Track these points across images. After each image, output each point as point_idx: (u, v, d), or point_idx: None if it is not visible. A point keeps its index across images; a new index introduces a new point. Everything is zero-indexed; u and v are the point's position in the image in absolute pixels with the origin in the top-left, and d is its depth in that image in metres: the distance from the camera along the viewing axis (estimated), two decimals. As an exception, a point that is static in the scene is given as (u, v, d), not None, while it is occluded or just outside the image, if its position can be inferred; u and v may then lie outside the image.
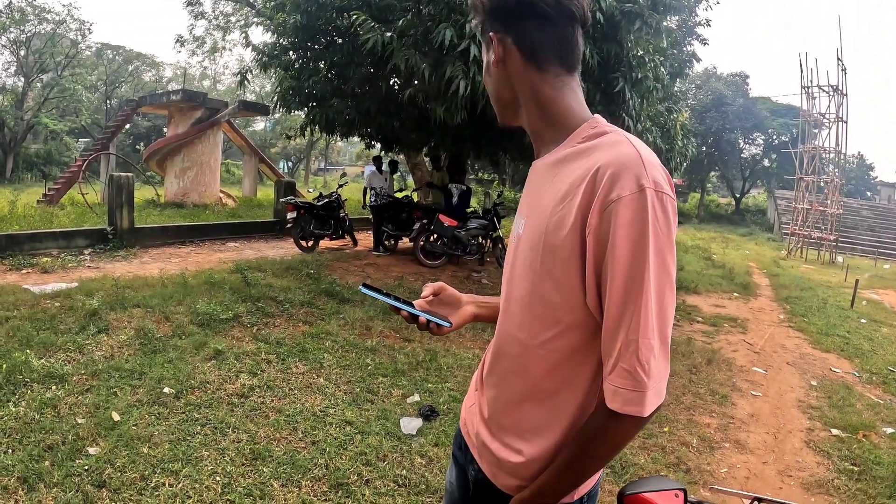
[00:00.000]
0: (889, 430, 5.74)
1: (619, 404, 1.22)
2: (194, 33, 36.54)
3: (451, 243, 11.41)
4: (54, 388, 4.56)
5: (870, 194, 61.51)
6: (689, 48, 15.41)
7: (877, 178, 67.02)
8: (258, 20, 12.02)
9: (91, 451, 3.82)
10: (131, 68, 47.43)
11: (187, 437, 4.16)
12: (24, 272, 8.05)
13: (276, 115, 25.45)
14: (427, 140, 12.65)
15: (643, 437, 4.99)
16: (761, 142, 45.79)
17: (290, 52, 11.17)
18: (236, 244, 12.52)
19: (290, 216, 11.51)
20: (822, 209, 27.54)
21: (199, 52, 29.61)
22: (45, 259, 8.71)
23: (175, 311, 6.51)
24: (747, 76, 45.98)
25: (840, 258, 25.53)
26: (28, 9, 34.46)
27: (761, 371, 7.40)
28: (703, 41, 16.12)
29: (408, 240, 12.40)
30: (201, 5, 25.29)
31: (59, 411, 4.26)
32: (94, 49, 44.31)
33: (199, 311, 6.47)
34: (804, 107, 28.14)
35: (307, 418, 4.63)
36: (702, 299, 11.94)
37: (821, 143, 28.61)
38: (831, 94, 26.93)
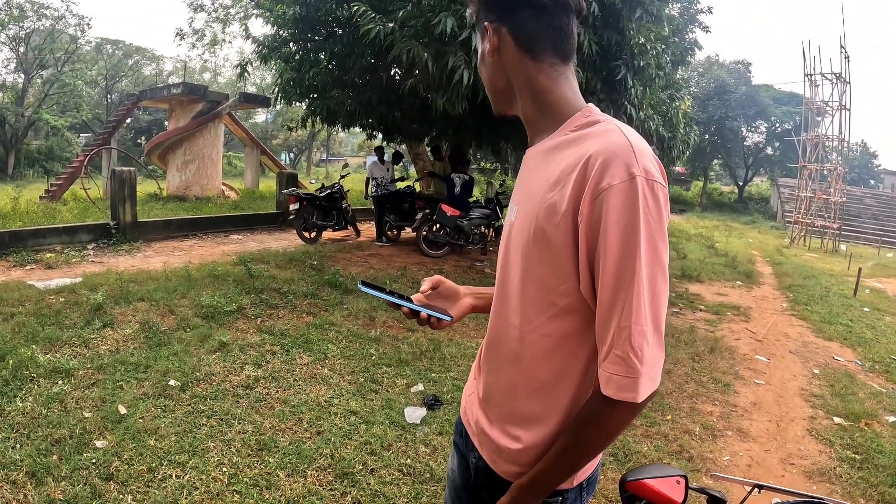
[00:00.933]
0: (891, 418, 5.74)
1: (613, 391, 1.23)
2: (194, 26, 36.46)
3: (454, 233, 11.41)
4: (61, 382, 4.59)
5: (873, 182, 61.22)
6: (691, 36, 15.34)
7: (880, 166, 66.65)
8: (258, 12, 11.94)
9: (98, 444, 3.85)
10: (131, 62, 47.32)
11: (193, 428, 4.19)
12: (28, 268, 8.07)
13: (278, 106, 25.44)
14: (428, 130, 12.63)
15: (646, 426, 5.01)
16: (764, 130, 45.58)
17: (291, 44, 11.15)
18: (239, 236, 12.53)
19: (292, 208, 11.50)
20: (825, 197, 27.43)
21: (199, 45, 29.63)
22: (49, 255, 8.73)
23: (179, 304, 6.54)
24: (750, 64, 45.63)
25: (843, 247, 25.41)
26: (27, 5, 34.45)
27: (764, 359, 7.40)
28: (706, 28, 16.06)
29: (410, 230, 12.40)
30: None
31: (66, 405, 4.29)
32: (93, 44, 44.22)
33: (203, 304, 6.50)
34: (807, 94, 27.98)
35: (312, 409, 4.66)
36: (704, 287, 11.92)
37: (824, 131, 28.44)
38: (834, 81, 26.79)
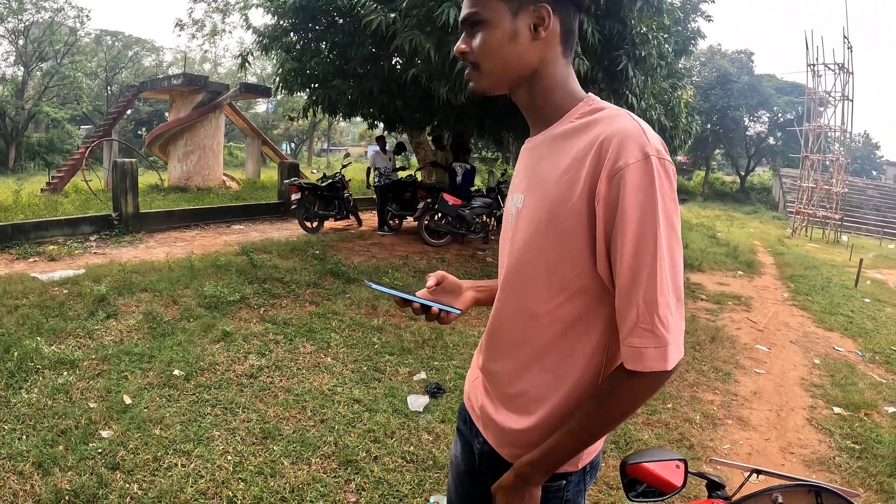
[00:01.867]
0: (891, 409, 5.76)
1: (644, 364, 1.26)
2: (194, 16, 36.26)
3: (456, 222, 11.40)
4: (65, 373, 4.62)
5: (875, 174, 60.81)
6: (693, 25, 15.20)
7: (883, 157, 66.11)
8: (258, 2, 11.92)
9: (104, 434, 3.87)
10: (131, 54, 47.21)
11: (198, 417, 4.22)
12: (31, 261, 8.09)
13: (278, 96, 25.40)
14: (430, 119, 12.61)
15: (647, 414, 5.04)
16: (766, 120, 45.54)
17: (291, 34, 11.12)
18: (241, 227, 12.54)
19: (294, 197, 11.50)
20: (827, 188, 27.42)
21: (199, 35, 29.54)
22: (52, 247, 8.74)
23: (182, 294, 6.56)
24: (752, 53, 45.73)
25: (845, 237, 25.39)
26: (26, -2, 34.37)
27: (764, 349, 7.42)
28: (708, 18, 15.93)
29: (412, 219, 12.40)
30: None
31: (71, 396, 4.32)
32: (92, 36, 44.09)
33: (206, 294, 6.52)
34: (810, 85, 27.95)
35: (315, 397, 4.68)
36: (706, 277, 11.94)
37: (826, 122, 28.42)
38: (837, 72, 26.73)
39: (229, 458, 3.76)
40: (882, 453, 4.71)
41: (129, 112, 32.98)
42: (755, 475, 1.91)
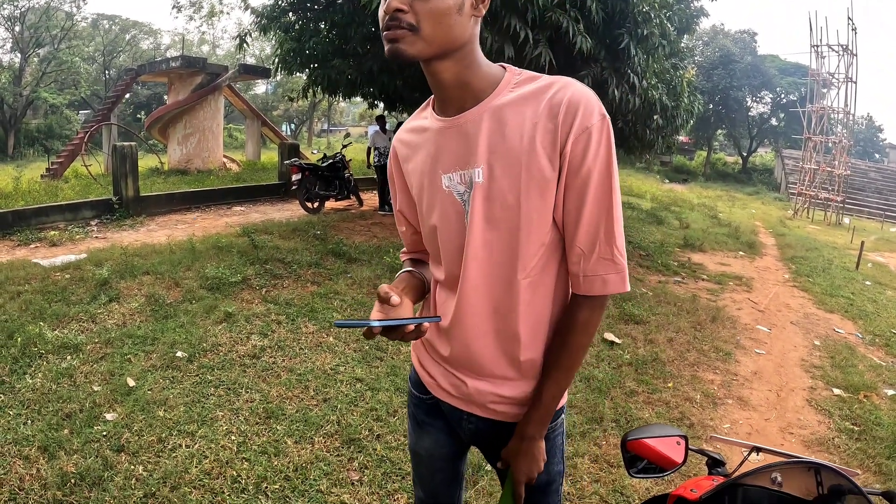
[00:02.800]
0: (890, 391, 5.78)
1: (607, 288, 1.44)
2: (190, -2, 36.07)
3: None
4: (69, 357, 4.63)
5: (878, 156, 60.42)
6: (696, 3, 15.09)
7: (885, 140, 65.39)
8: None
9: (108, 416, 3.89)
10: (128, 37, 46.96)
11: (201, 398, 4.23)
12: (32, 247, 8.10)
13: (278, 77, 25.26)
14: (431, 99, 12.52)
15: (647, 392, 5.07)
16: (769, 100, 45.29)
17: (290, 14, 11.03)
18: (242, 208, 12.53)
19: (294, 178, 11.49)
20: (829, 170, 27.38)
21: (197, 17, 29.37)
22: (53, 232, 8.75)
23: (184, 276, 6.57)
24: (755, 33, 45.18)
25: (846, 220, 25.42)
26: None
27: (765, 329, 7.43)
28: (711, -4, 15.84)
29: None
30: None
31: (76, 380, 4.33)
32: (89, 20, 43.82)
33: (207, 276, 6.52)
34: (813, 66, 27.83)
35: (318, 377, 4.70)
36: (707, 257, 11.94)
37: (829, 104, 28.28)
38: (841, 53, 26.59)
39: (233, 438, 3.77)
40: (881, 435, 4.73)
41: (127, 96, 32.82)
42: (755, 453, 1.91)
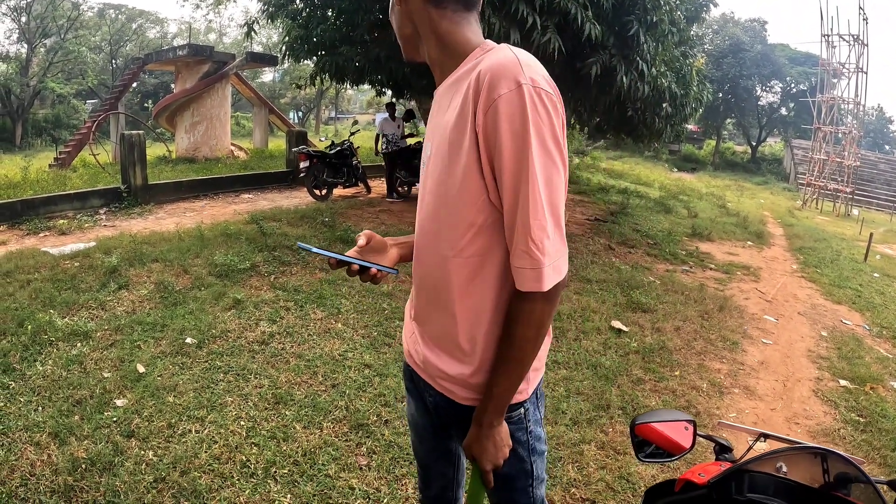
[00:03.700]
0: None
1: (523, 283, 1.35)
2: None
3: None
4: (79, 345, 4.66)
5: (888, 148, 59.88)
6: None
7: None
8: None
9: (118, 403, 3.92)
10: (135, 26, 46.87)
11: (211, 384, 4.26)
12: (41, 235, 8.13)
13: (285, 65, 25.24)
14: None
15: (654, 381, 5.08)
16: (779, 90, 44.89)
17: (297, 1, 11.02)
18: (250, 196, 12.53)
19: (302, 165, 11.50)
20: (838, 161, 27.22)
21: (203, 5, 29.27)
22: (62, 221, 8.78)
23: (193, 263, 6.59)
24: (766, 22, 44.67)
25: (855, 211, 25.28)
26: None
27: (772, 319, 7.41)
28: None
29: (421, 186, 12.35)
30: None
31: (86, 367, 4.36)
32: (95, 9, 43.77)
33: (216, 263, 6.55)
34: (824, 55, 27.63)
35: (326, 362, 4.72)
36: (715, 246, 11.91)
37: (840, 94, 28.07)
38: (852, 43, 26.39)
39: (242, 423, 3.80)
40: (886, 427, 4.74)
41: (134, 85, 32.86)
42: (762, 440, 1.91)
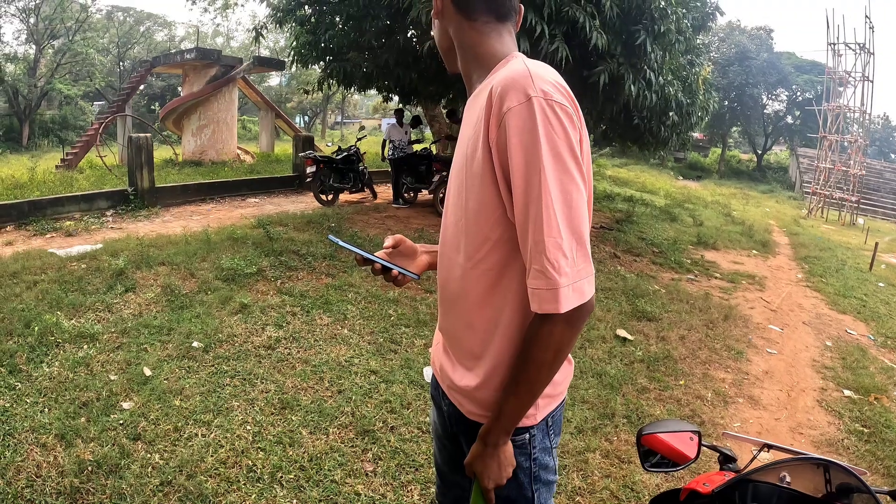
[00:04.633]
0: None
1: (538, 305, 1.29)
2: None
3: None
4: (86, 347, 4.67)
5: (894, 157, 59.59)
6: (712, 0, 15.03)
7: None
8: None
9: (125, 405, 3.93)
10: (143, 29, 47.00)
11: (217, 388, 4.26)
12: (48, 236, 8.16)
13: (292, 69, 25.30)
14: (445, 92, 12.54)
15: (659, 389, 5.08)
16: (785, 98, 44.75)
17: (305, 7, 11.07)
18: (256, 200, 12.57)
19: (309, 170, 11.53)
20: (844, 169, 27.16)
21: (211, 9, 29.35)
22: (69, 222, 8.81)
23: (200, 267, 6.59)
24: (772, 30, 44.66)
25: (861, 220, 25.23)
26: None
27: (777, 329, 7.40)
28: (727, -7, 15.76)
29: (427, 192, 12.39)
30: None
31: (92, 369, 4.37)
32: (104, 12, 43.80)
33: (223, 267, 6.55)
34: (830, 64, 27.59)
35: (333, 368, 4.72)
36: (720, 255, 11.92)
37: (846, 102, 28.05)
38: (858, 52, 26.36)
39: (248, 428, 3.81)
40: (890, 438, 4.73)
41: (141, 87, 32.93)
42: (766, 450, 1.93)
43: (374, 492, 3.31)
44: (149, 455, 3.42)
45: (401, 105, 14.16)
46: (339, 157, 12.02)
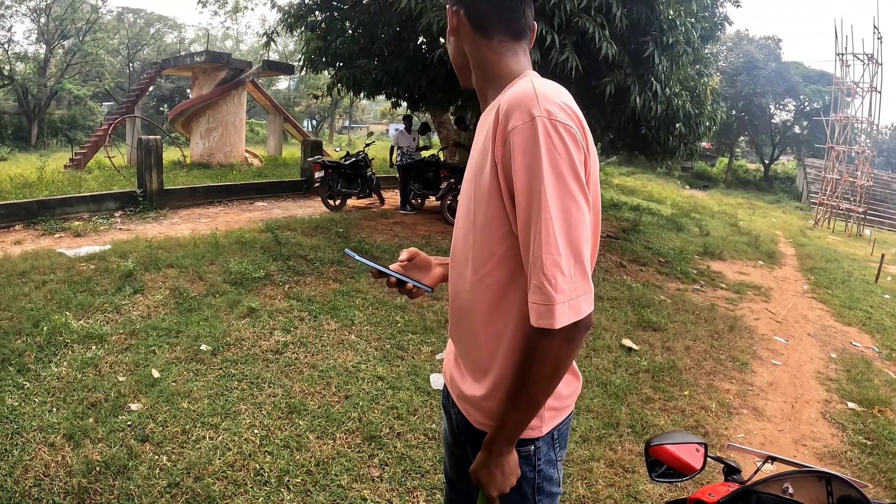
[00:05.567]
0: None
1: (535, 319, 1.31)
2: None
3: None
4: (94, 347, 4.70)
5: None
6: (721, 10, 15.02)
7: None
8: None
9: (133, 407, 3.95)
10: (153, 31, 47.25)
11: (225, 391, 4.29)
12: (57, 236, 8.20)
13: (300, 73, 25.39)
14: (454, 99, 12.58)
15: (663, 400, 5.08)
16: (792, 108, 44.63)
17: (316, 12, 11.13)
18: (264, 203, 12.61)
19: (317, 175, 11.56)
20: (851, 180, 27.09)
21: (221, 12, 29.47)
22: (77, 223, 8.85)
23: (208, 270, 6.63)
24: (780, 40, 44.45)
25: (868, 231, 25.09)
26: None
27: (782, 340, 7.39)
28: (736, 3, 15.72)
29: (435, 199, 12.41)
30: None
31: (101, 370, 4.40)
32: (114, 13, 44.09)
33: (231, 270, 6.58)
34: (838, 74, 27.55)
35: (340, 373, 4.74)
36: (726, 266, 11.90)
37: (853, 113, 27.97)
38: (866, 62, 26.32)
39: (256, 431, 3.83)
40: (893, 450, 4.72)
41: (151, 89, 33.06)
42: (769, 462, 1.95)
43: (381, 497, 3.33)
44: (157, 456, 3.45)
45: (409, 111, 14.19)
46: (347, 162, 12.06)
